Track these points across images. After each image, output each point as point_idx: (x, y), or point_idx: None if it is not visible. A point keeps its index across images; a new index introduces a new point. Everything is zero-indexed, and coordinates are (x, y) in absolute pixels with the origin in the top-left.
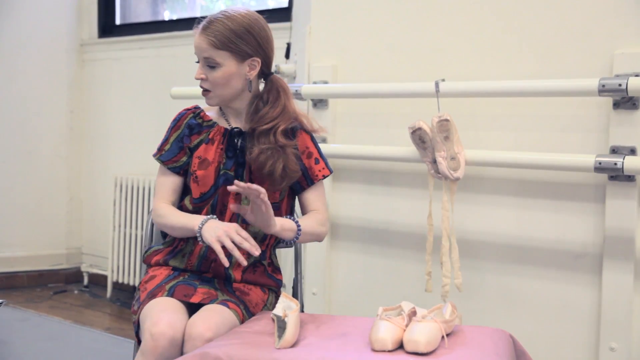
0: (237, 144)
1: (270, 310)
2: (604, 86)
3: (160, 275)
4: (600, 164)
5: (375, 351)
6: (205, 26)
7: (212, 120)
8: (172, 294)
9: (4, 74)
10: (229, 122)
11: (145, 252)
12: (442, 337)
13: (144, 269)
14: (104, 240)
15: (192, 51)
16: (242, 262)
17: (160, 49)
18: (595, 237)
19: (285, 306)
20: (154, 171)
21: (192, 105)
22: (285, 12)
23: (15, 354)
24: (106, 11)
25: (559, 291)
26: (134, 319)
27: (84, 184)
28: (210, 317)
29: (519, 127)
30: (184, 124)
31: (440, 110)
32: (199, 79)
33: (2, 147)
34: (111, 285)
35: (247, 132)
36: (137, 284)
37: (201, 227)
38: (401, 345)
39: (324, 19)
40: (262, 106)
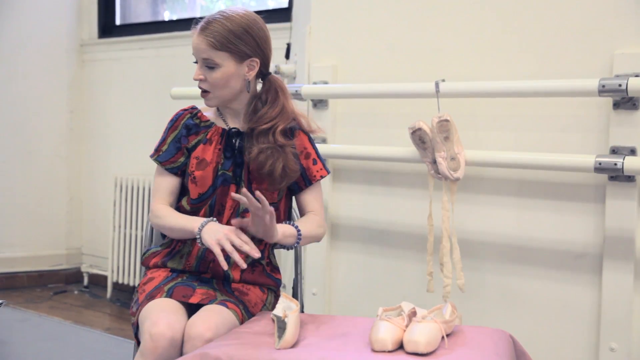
0: (235, 144)
1: (269, 309)
2: (604, 86)
3: (158, 277)
4: (600, 164)
5: (375, 351)
6: (203, 27)
7: (209, 120)
8: (170, 295)
9: (4, 74)
10: (226, 123)
11: (143, 255)
12: (442, 337)
13: (143, 270)
14: (104, 240)
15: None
16: (241, 265)
17: (160, 49)
18: (595, 237)
19: (285, 306)
20: (154, 171)
21: (188, 105)
22: (285, 12)
23: (15, 354)
24: (106, 11)
25: (559, 291)
26: (132, 320)
27: (84, 184)
28: (210, 318)
29: (519, 127)
30: (182, 124)
31: (440, 110)
32: (197, 79)
33: (2, 147)
34: (111, 285)
35: (245, 132)
36: (137, 285)
37: (201, 229)
38: (401, 345)
39: (324, 19)
40: (260, 106)
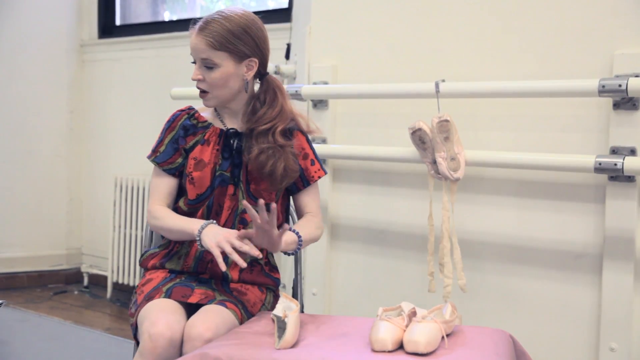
0: (233, 144)
1: (268, 309)
2: (604, 87)
3: (157, 278)
4: (600, 164)
5: (375, 352)
6: (202, 27)
7: (207, 121)
8: (169, 295)
9: (4, 74)
10: (224, 123)
11: (141, 256)
12: (442, 337)
13: (142, 271)
14: (104, 240)
15: None
16: (241, 264)
17: (160, 50)
18: (595, 237)
19: (285, 306)
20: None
21: (185, 106)
22: (285, 12)
23: (15, 355)
24: (106, 12)
25: (559, 291)
26: (131, 321)
27: (84, 184)
28: (209, 318)
29: (519, 127)
30: (179, 125)
31: (440, 110)
32: (196, 80)
33: (2, 147)
34: (111, 285)
35: (243, 132)
36: (137, 285)
37: (201, 231)
38: (401, 345)
39: (324, 19)
40: (259, 107)
